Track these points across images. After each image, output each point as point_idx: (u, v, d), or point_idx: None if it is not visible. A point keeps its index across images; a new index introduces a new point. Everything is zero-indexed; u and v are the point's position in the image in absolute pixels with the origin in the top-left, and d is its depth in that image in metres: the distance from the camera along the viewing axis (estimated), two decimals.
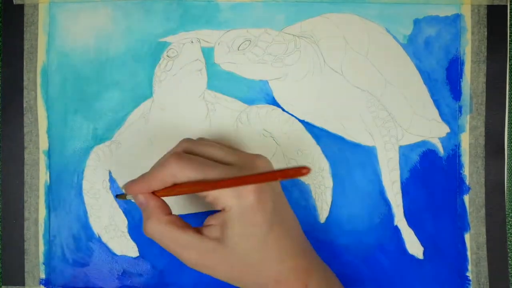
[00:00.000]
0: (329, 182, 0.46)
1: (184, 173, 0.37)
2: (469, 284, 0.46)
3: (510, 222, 0.46)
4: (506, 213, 0.46)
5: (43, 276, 0.47)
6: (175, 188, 0.38)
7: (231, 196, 0.36)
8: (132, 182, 0.39)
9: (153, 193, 0.39)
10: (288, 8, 0.46)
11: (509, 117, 0.46)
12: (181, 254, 0.38)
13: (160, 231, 0.38)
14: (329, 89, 0.46)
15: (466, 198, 0.46)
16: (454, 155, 0.46)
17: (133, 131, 0.46)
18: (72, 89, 0.46)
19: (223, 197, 0.36)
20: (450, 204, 0.46)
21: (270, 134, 0.46)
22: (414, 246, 0.46)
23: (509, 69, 0.45)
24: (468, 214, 0.46)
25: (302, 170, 0.30)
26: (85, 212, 0.46)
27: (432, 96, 0.46)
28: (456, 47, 0.46)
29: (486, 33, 0.46)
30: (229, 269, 0.38)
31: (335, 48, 0.46)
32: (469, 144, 0.46)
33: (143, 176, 0.39)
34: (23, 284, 0.47)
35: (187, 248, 0.38)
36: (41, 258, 0.47)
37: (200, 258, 0.38)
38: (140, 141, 0.46)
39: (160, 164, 0.38)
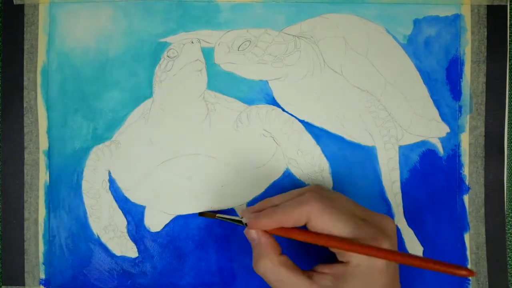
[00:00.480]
0: (329, 182, 0.46)
1: (322, 218, 0.36)
2: (468, 283, 0.46)
3: (510, 222, 0.46)
4: (506, 213, 0.46)
5: (43, 276, 0.47)
6: (299, 233, 0.38)
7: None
8: (259, 217, 0.39)
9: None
10: (288, 9, 0.46)
11: (509, 117, 0.46)
12: None
13: (272, 271, 0.38)
14: (329, 89, 0.46)
15: (466, 198, 0.46)
16: (454, 155, 0.46)
17: (133, 131, 0.46)
18: (72, 89, 0.46)
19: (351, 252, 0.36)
20: (450, 204, 0.46)
21: (270, 134, 0.46)
22: (414, 246, 0.46)
23: (509, 69, 0.46)
24: (468, 214, 0.46)
25: (461, 271, 0.31)
26: (85, 212, 0.46)
27: (432, 96, 0.46)
28: (456, 47, 0.46)
29: (486, 33, 0.46)
30: None
31: (335, 48, 0.46)
32: (469, 144, 0.46)
33: (273, 212, 0.38)
34: (23, 284, 0.47)
35: None
36: (41, 258, 0.47)
37: None
38: (140, 141, 0.46)
39: (297, 202, 0.37)
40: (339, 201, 0.38)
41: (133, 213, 0.47)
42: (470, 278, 0.46)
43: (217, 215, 0.43)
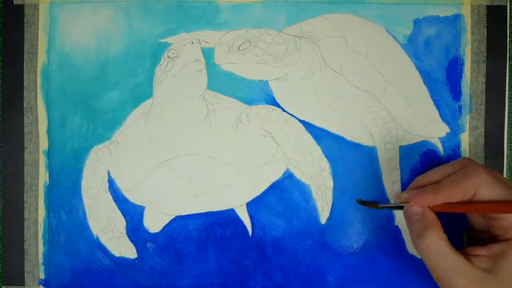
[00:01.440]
0: (329, 183, 0.46)
1: (493, 188, 0.35)
2: None
3: None
4: None
5: (42, 276, 0.47)
6: (466, 205, 0.37)
7: None
8: (424, 192, 0.38)
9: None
10: (288, 9, 0.46)
11: (508, 117, 0.46)
12: (448, 277, 0.36)
13: (437, 247, 0.36)
14: (329, 89, 0.46)
15: None
16: (454, 155, 0.46)
17: (133, 131, 0.46)
18: (72, 89, 0.46)
19: None
20: None
21: (270, 135, 0.46)
22: (414, 246, 0.46)
23: (509, 69, 0.46)
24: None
25: None
26: (84, 213, 0.46)
27: (432, 96, 0.46)
28: (456, 47, 0.46)
29: (486, 33, 0.46)
30: None
31: (335, 48, 0.46)
32: (469, 144, 0.46)
33: (438, 187, 0.37)
34: (23, 284, 0.47)
35: (456, 272, 0.36)
36: (41, 258, 0.47)
37: (468, 285, 0.35)
38: (140, 141, 0.46)
39: (464, 174, 0.37)
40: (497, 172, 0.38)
41: (132, 214, 0.46)
42: None
43: (380, 205, 0.42)
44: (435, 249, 0.36)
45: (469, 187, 0.36)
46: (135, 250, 0.46)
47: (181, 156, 0.46)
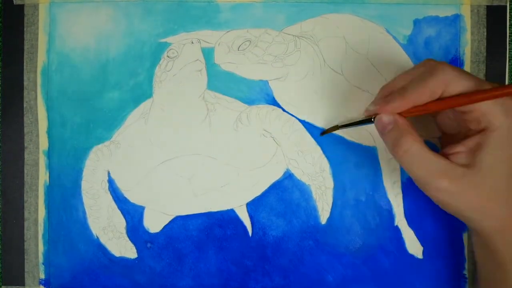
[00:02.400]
0: (329, 183, 0.46)
1: (460, 81, 0.35)
2: (465, 281, 0.46)
3: None
4: None
5: (42, 276, 0.47)
6: (439, 103, 0.35)
7: (501, 114, 0.34)
8: (390, 100, 0.37)
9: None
10: (288, 9, 0.46)
11: None
12: (431, 179, 0.36)
13: (415, 151, 0.36)
14: (329, 89, 0.46)
15: None
16: None
17: (133, 131, 0.46)
18: (72, 89, 0.46)
19: (491, 113, 0.34)
20: None
21: (270, 135, 0.46)
22: (414, 246, 0.46)
23: (509, 69, 0.46)
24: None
25: None
26: (84, 213, 0.46)
27: None
28: (456, 48, 0.46)
29: (485, 34, 0.46)
30: (475, 197, 0.35)
31: (335, 48, 0.46)
32: None
33: (404, 90, 0.36)
34: (23, 284, 0.47)
35: (438, 173, 0.35)
36: (41, 258, 0.47)
37: (450, 184, 0.35)
38: (139, 141, 0.46)
39: (429, 73, 0.35)
40: None
41: (132, 214, 0.46)
42: (466, 276, 0.46)
43: (339, 125, 0.42)
44: (414, 152, 0.36)
45: (437, 86, 0.35)
46: (135, 250, 0.46)
47: (181, 156, 0.46)
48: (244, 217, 0.46)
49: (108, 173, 0.46)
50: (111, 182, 0.47)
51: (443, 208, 0.38)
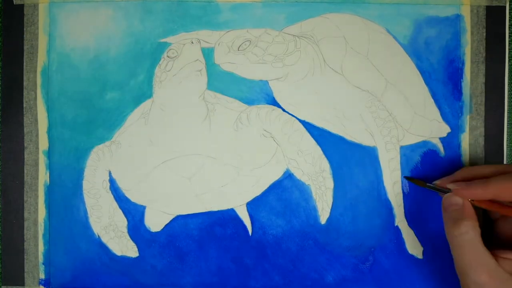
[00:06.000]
0: (329, 183, 0.46)
1: None
2: None
3: None
4: None
5: (42, 276, 0.47)
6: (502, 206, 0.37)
7: None
8: (472, 186, 0.38)
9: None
10: (288, 8, 0.46)
11: (508, 117, 0.46)
12: (473, 269, 0.36)
13: (469, 238, 0.36)
14: (329, 89, 0.46)
15: None
16: (455, 156, 0.46)
17: (133, 131, 0.46)
18: (72, 89, 0.46)
19: None
20: None
21: (270, 135, 0.46)
22: (414, 246, 0.46)
23: (508, 69, 0.45)
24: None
25: None
26: (85, 212, 0.46)
27: (433, 96, 0.46)
28: (456, 48, 0.46)
29: (485, 34, 0.46)
30: None
31: (335, 48, 0.46)
32: (469, 144, 0.46)
33: (488, 182, 0.37)
34: (23, 284, 0.47)
35: (481, 267, 0.36)
36: (41, 258, 0.47)
37: (490, 282, 0.36)
38: (140, 141, 0.46)
39: None
40: None
41: (133, 213, 0.47)
42: None
43: (427, 184, 0.43)
44: (468, 238, 0.36)
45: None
46: (136, 249, 0.47)
47: (181, 156, 0.46)
48: (244, 216, 0.46)
49: (109, 173, 0.47)
50: (112, 181, 0.47)
51: None
